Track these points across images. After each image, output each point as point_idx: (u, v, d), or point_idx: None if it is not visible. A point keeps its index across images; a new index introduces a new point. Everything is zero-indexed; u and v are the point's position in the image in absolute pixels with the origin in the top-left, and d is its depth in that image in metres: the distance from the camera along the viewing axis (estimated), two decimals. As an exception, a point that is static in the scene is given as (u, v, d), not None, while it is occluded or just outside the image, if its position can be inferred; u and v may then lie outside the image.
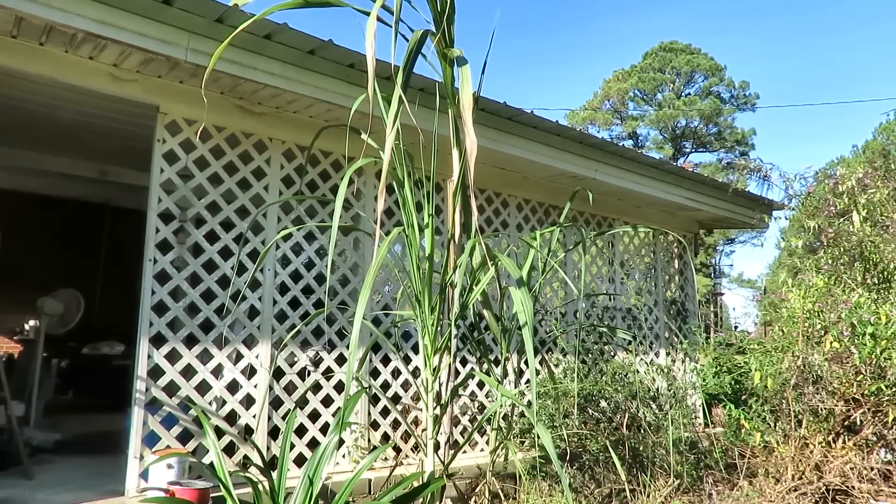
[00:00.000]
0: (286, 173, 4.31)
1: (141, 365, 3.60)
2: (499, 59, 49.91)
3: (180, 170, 3.84)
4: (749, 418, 4.79)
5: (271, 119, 4.20)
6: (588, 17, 59.00)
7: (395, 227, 2.81)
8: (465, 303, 2.98)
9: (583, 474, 4.38)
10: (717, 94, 32.53)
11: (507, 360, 3.78)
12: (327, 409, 4.31)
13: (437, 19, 2.71)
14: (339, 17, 13.45)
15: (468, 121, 2.38)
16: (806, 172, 6.89)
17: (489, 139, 4.68)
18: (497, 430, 3.78)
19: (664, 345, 6.97)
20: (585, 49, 61.22)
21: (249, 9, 3.26)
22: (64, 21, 2.99)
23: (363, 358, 4.04)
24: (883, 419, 4.37)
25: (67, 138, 5.18)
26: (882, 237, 5.69)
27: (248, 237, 4.05)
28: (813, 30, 58.42)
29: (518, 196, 5.81)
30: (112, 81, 3.62)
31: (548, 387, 4.61)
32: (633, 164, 5.99)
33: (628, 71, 32.92)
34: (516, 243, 5.33)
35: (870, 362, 4.38)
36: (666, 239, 7.32)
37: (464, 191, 2.81)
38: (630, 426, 4.66)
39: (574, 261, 6.17)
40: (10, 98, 4.14)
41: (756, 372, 4.70)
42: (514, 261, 3.20)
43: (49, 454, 4.80)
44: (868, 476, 4.32)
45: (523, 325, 2.49)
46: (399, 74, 2.34)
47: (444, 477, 2.93)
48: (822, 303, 4.94)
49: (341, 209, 2.51)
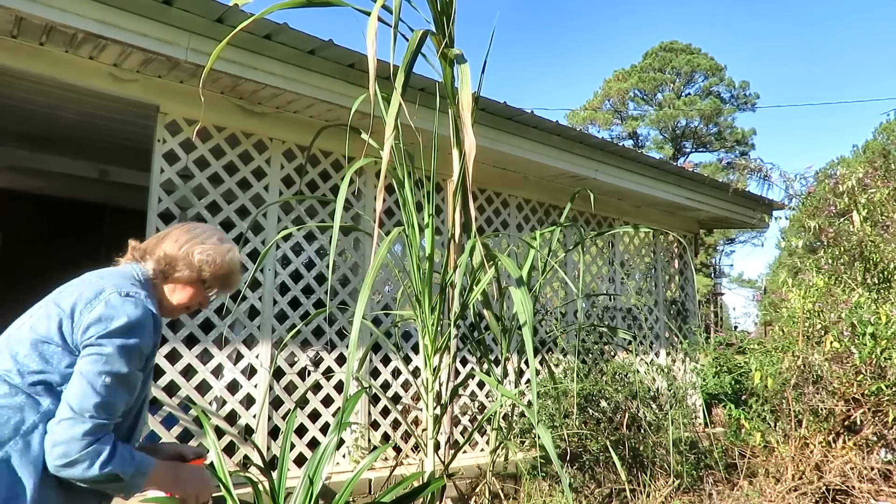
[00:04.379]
0: (286, 173, 4.31)
1: (141, 365, 3.60)
2: (499, 59, 49.90)
3: (180, 170, 3.84)
4: (749, 418, 4.79)
5: (271, 119, 4.20)
6: (588, 17, 59.02)
7: (396, 226, 2.81)
8: (466, 303, 2.98)
9: (583, 474, 4.38)
10: (717, 94, 32.52)
11: (507, 360, 3.78)
12: (327, 409, 4.31)
13: (437, 19, 2.71)
14: (339, 16, 13.45)
15: (467, 121, 2.38)
16: (806, 172, 6.91)
17: (489, 139, 4.68)
18: (497, 430, 3.78)
19: (664, 345, 6.96)
20: (586, 49, 61.26)
21: (249, 9, 3.26)
22: (64, 21, 2.99)
23: (363, 358, 4.04)
24: (883, 419, 4.37)
25: (67, 138, 5.18)
26: (882, 237, 5.70)
27: (248, 237, 4.05)
28: (813, 29, 58.44)
29: (518, 196, 5.81)
30: (112, 81, 3.62)
31: (548, 387, 4.61)
32: (634, 164, 5.99)
33: (628, 71, 32.91)
34: (516, 243, 5.33)
35: (870, 362, 4.38)
36: (666, 239, 7.31)
37: (464, 191, 2.81)
38: (630, 426, 4.66)
39: (574, 261, 6.16)
40: (10, 98, 4.14)
41: (756, 372, 4.70)
42: (515, 261, 3.20)
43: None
44: (868, 476, 4.32)
45: (523, 325, 2.49)
46: (399, 75, 2.34)
47: (445, 477, 2.93)
48: (823, 303, 4.94)
49: (341, 209, 2.51)
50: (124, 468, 1.46)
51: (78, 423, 1.41)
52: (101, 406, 1.43)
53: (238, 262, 1.82)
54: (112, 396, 1.45)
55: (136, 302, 1.54)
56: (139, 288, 1.62)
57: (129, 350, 1.49)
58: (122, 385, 1.48)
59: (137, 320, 1.51)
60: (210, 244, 1.75)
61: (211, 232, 1.79)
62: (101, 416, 1.43)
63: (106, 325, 1.48)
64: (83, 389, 1.43)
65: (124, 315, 1.50)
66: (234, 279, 1.82)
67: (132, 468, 1.48)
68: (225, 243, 1.79)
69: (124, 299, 1.53)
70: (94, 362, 1.45)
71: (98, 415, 1.43)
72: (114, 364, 1.46)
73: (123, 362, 1.48)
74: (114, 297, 1.53)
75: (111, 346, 1.47)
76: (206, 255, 1.72)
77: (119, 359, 1.47)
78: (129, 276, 1.65)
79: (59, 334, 1.48)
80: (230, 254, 1.78)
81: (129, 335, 1.49)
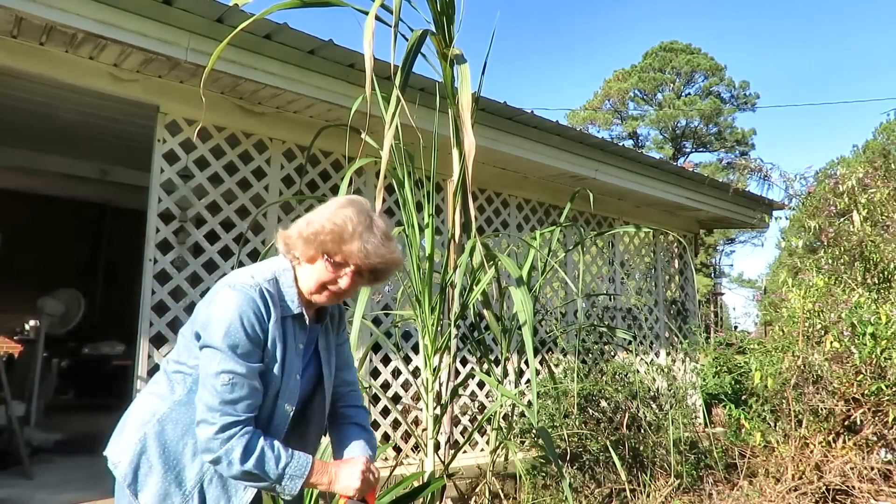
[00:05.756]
0: (286, 173, 4.31)
1: (141, 365, 3.60)
2: (499, 58, 49.92)
3: (180, 170, 3.84)
4: (749, 418, 4.79)
5: (271, 119, 4.20)
6: (588, 17, 59.03)
7: (396, 226, 2.81)
8: (466, 303, 2.98)
9: (583, 474, 4.38)
10: (717, 94, 32.50)
11: (507, 360, 3.78)
12: (327, 409, 4.31)
13: (437, 19, 2.71)
14: (339, 17, 13.47)
15: (467, 121, 2.38)
16: (806, 172, 6.91)
17: (489, 139, 4.68)
18: (497, 430, 3.78)
19: (664, 345, 6.96)
20: (586, 49, 61.27)
21: (249, 9, 3.26)
22: (64, 21, 2.99)
23: (363, 358, 4.03)
24: (883, 419, 4.37)
25: (67, 138, 5.18)
26: (882, 237, 5.70)
27: (248, 237, 4.04)
28: (813, 29, 58.45)
29: (518, 196, 5.81)
30: (112, 81, 3.62)
31: (548, 387, 4.61)
32: (634, 163, 5.99)
33: (628, 71, 32.89)
34: (516, 243, 5.33)
35: (870, 362, 4.37)
36: (666, 239, 7.31)
37: (464, 191, 2.81)
38: (630, 426, 4.66)
39: (574, 261, 6.16)
40: (11, 98, 4.15)
41: (756, 372, 4.70)
42: (515, 261, 3.20)
43: (49, 454, 4.80)
44: (868, 476, 4.32)
45: (523, 325, 2.49)
46: (398, 74, 2.34)
47: (445, 477, 2.93)
48: (823, 303, 4.94)
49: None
50: (265, 468, 1.42)
51: (206, 424, 1.42)
52: (224, 404, 1.41)
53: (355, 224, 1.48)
54: (232, 393, 1.41)
55: (236, 294, 1.45)
56: (264, 277, 1.52)
57: (233, 346, 1.42)
58: (241, 382, 1.42)
59: (235, 313, 1.43)
60: (324, 210, 1.53)
61: (333, 200, 1.57)
62: (228, 413, 1.41)
63: (207, 323, 1.45)
64: (205, 390, 1.44)
65: (223, 310, 1.44)
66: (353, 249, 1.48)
67: (277, 468, 1.43)
68: (346, 209, 1.50)
69: (227, 293, 1.46)
70: (208, 362, 1.44)
71: (224, 412, 1.41)
72: (224, 363, 1.42)
73: (232, 358, 1.42)
74: (220, 295, 1.47)
75: (216, 345, 1.42)
76: (314, 226, 1.50)
77: (227, 356, 1.42)
78: (265, 266, 1.57)
79: (191, 329, 1.52)
80: (344, 210, 1.49)
81: (229, 330, 1.42)
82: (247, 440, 1.41)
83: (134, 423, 1.57)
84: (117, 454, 1.56)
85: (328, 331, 1.74)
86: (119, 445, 1.57)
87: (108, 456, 1.59)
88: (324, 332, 1.72)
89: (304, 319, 1.59)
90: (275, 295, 1.51)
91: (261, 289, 1.48)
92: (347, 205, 1.53)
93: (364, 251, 1.48)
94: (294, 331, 1.57)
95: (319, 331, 1.70)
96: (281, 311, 1.52)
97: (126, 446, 1.54)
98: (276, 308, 1.50)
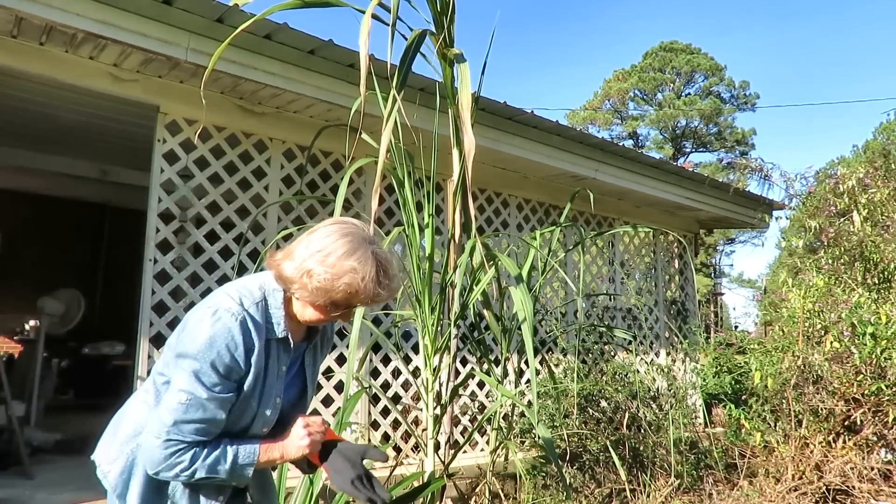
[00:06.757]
0: (286, 173, 4.31)
1: (141, 365, 3.60)
2: (499, 58, 49.92)
3: (180, 170, 3.84)
4: (749, 418, 4.79)
5: (271, 119, 4.20)
6: (588, 17, 59.04)
7: (396, 226, 2.81)
8: (466, 303, 2.98)
9: (583, 474, 4.38)
10: (717, 94, 32.51)
11: (507, 360, 3.77)
12: (327, 409, 4.31)
13: (436, 19, 2.71)
14: (339, 17, 13.47)
15: (467, 121, 2.38)
16: (806, 172, 6.92)
17: (489, 139, 4.68)
18: (497, 430, 3.78)
19: (664, 345, 6.96)
20: (585, 49, 61.28)
21: (250, 9, 3.26)
22: (64, 21, 2.99)
23: (363, 358, 4.04)
24: (883, 419, 4.37)
25: (67, 138, 5.18)
26: (882, 237, 5.70)
27: (248, 237, 4.04)
28: (813, 29, 58.46)
29: (518, 196, 5.81)
30: (112, 81, 3.62)
31: (548, 387, 4.60)
32: (634, 163, 5.99)
33: (628, 71, 32.90)
34: (516, 243, 5.33)
35: (870, 362, 4.37)
36: (666, 239, 7.31)
37: (464, 191, 2.81)
38: (630, 426, 4.65)
39: (574, 261, 6.16)
40: (11, 98, 4.15)
41: (756, 372, 4.70)
42: (515, 261, 3.20)
43: (49, 454, 4.80)
44: (868, 476, 4.32)
45: (523, 325, 2.49)
46: (396, 74, 2.34)
47: (445, 477, 2.93)
48: (823, 303, 4.94)
49: (341, 209, 2.51)
50: (215, 469, 1.44)
51: (152, 436, 1.42)
52: (175, 424, 1.40)
53: (365, 281, 1.44)
54: (186, 414, 1.40)
55: (214, 322, 1.42)
56: (253, 299, 1.49)
57: (198, 371, 1.40)
58: (198, 406, 1.41)
59: (208, 342, 1.40)
60: (327, 265, 1.43)
61: (338, 245, 1.45)
62: (175, 434, 1.40)
63: (182, 345, 1.44)
64: (164, 402, 1.44)
65: (198, 334, 1.42)
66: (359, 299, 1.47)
67: (227, 464, 1.45)
68: (349, 260, 1.43)
69: (208, 319, 1.43)
70: (175, 376, 1.43)
71: (172, 432, 1.40)
72: (187, 383, 1.40)
73: (196, 381, 1.40)
74: (198, 314, 1.45)
75: (184, 365, 1.41)
76: (319, 281, 1.43)
77: (192, 377, 1.40)
78: (254, 284, 1.53)
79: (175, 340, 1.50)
80: (349, 277, 1.43)
81: (198, 356, 1.40)
82: (192, 453, 1.42)
83: (124, 435, 1.56)
84: (107, 463, 1.57)
85: (316, 347, 1.72)
86: (109, 454, 1.57)
87: (98, 462, 1.59)
88: (311, 350, 1.70)
89: (290, 343, 1.56)
90: (260, 322, 1.49)
91: (243, 317, 1.45)
92: (351, 251, 1.44)
93: (370, 298, 1.48)
94: (278, 354, 1.55)
95: (306, 348, 1.68)
96: (266, 334, 1.50)
97: (116, 457, 1.55)
98: (261, 335, 1.48)
